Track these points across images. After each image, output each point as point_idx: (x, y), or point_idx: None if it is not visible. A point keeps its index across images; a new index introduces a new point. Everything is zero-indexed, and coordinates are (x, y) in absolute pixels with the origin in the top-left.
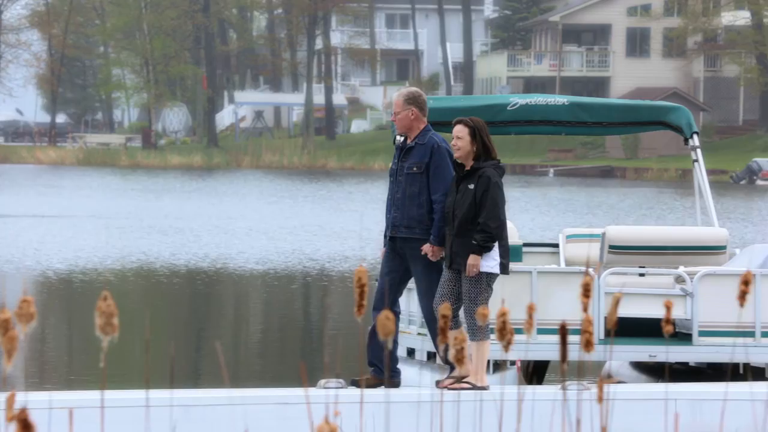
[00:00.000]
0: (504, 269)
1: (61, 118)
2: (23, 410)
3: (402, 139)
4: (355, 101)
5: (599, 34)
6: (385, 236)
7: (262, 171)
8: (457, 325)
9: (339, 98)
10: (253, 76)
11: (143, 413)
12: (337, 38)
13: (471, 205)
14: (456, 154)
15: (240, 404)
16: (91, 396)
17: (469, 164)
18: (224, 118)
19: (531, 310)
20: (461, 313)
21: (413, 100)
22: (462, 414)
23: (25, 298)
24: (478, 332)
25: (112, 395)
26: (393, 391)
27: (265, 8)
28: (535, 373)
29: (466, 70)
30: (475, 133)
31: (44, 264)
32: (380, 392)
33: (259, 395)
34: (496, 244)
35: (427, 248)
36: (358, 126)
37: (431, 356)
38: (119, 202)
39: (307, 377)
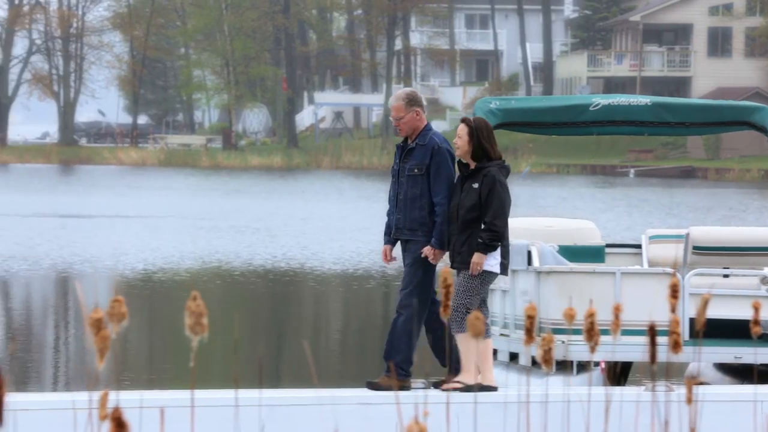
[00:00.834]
0: (504, 269)
1: (142, 120)
2: (117, 409)
3: (403, 138)
4: (434, 102)
5: (680, 34)
6: (385, 235)
7: (342, 171)
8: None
9: None
10: (333, 76)
11: (232, 413)
12: (416, 39)
13: (475, 204)
14: (456, 153)
15: (329, 404)
16: (182, 395)
17: (472, 164)
18: (304, 118)
19: (617, 310)
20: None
21: (414, 101)
22: (549, 415)
23: (116, 297)
24: (461, 325)
25: (202, 395)
26: (481, 392)
27: (344, 9)
28: (618, 374)
29: (545, 70)
30: (473, 133)
31: (125, 264)
32: (468, 393)
33: (346, 395)
34: (499, 247)
35: (427, 251)
36: (437, 126)
37: (514, 357)
38: (200, 202)
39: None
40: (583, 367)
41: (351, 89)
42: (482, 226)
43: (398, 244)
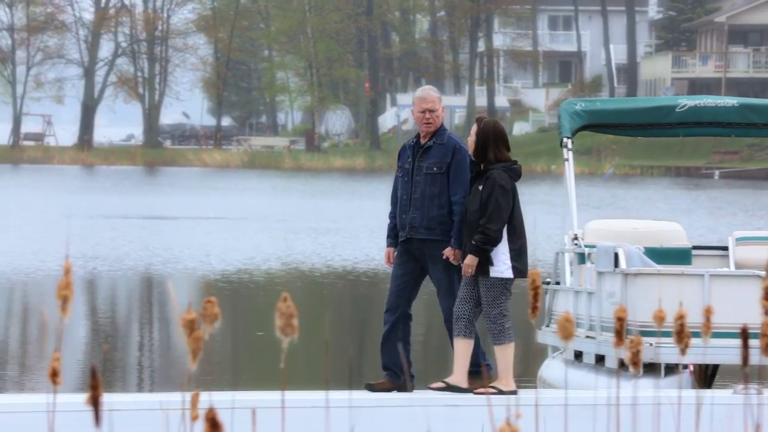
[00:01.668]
0: (519, 273)
1: (226, 122)
2: (211, 410)
3: (413, 138)
4: (517, 103)
5: (766, 35)
6: (388, 236)
7: None
8: (469, 331)
9: (501, 100)
10: (416, 78)
11: (323, 414)
12: (499, 40)
13: (478, 207)
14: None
15: (419, 406)
16: (272, 396)
17: (481, 164)
18: (386, 120)
19: (708, 313)
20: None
21: (441, 97)
22: (639, 417)
23: (209, 298)
24: (500, 336)
25: (293, 396)
26: (570, 394)
27: (427, 11)
28: (707, 376)
29: (629, 71)
30: (479, 134)
31: (208, 265)
32: (558, 395)
33: (436, 397)
34: (506, 248)
35: (449, 252)
36: (520, 128)
37: (600, 359)
38: (282, 203)
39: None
40: (671, 369)
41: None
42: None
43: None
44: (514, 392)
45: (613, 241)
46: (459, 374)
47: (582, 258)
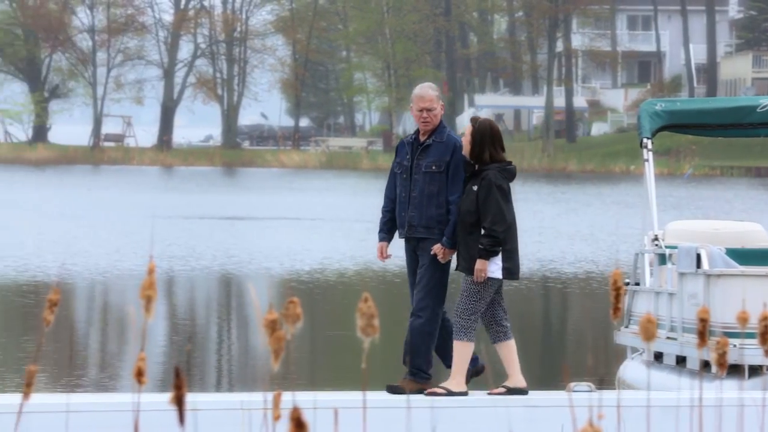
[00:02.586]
0: (509, 274)
1: (304, 122)
2: (296, 409)
3: (412, 135)
4: (595, 104)
5: None
6: (380, 231)
7: None
8: (506, 335)
9: (579, 101)
10: (493, 79)
11: (404, 414)
12: (577, 40)
13: (472, 208)
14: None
15: (501, 406)
16: (354, 396)
17: (476, 165)
18: (464, 121)
19: None
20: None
21: (440, 95)
22: (723, 419)
23: (291, 299)
24: (461, 332)
25: (375, 396)
26: (653, 395)
27: (505, 11)
28: None
29: (709, 71)
30: (474, 134)
31: (287, 265)
32: (640, 396)
33: (516, 397)
34: (500, 253)
35: (437, 249)
36: (598, 129)
37: (680, 360)
38: (361, 203)
39: (544, 380)
40: (755, 371)
41: (511, 91)
42: (482, 232)
43: (390, 242)
44: (464, 393)
45: (694, 242)
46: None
47: (662, 259)
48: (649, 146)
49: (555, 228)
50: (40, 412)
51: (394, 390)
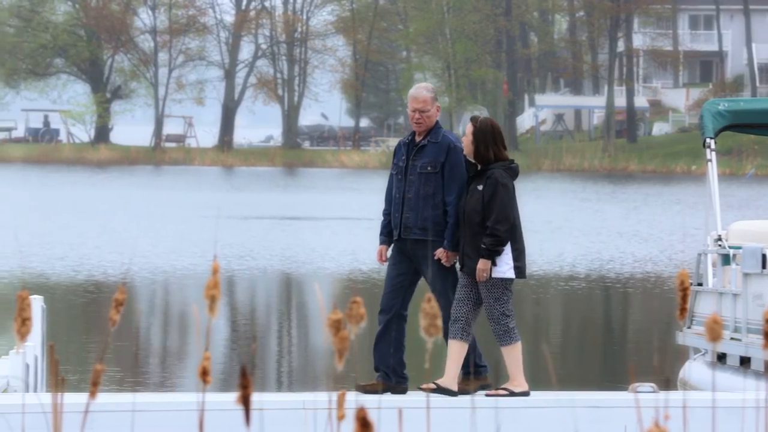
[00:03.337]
0: (520, 273)
1: (364, 122)
2: (362, 409)
3: (409, 136)
4: (656, 103)
5: None
6: (381, 234)
7: (562, 174)
8: (466, 334)
9: (640, 101)
10: (554, 79)
11: (469, 415)
12: (639, 40)
13: (479, 207)
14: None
15: (567, 407)
16: (418, 397)
17: (478, 164)
18: (524, 121)
19: None
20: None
21: (436, 97)
22: None
23: (354, 299)
24: (505, 336)
25: (438, 396)
26: (718, 396)
27: (566, 11)
28: None
29: None
30: (477, 134)
31: (344, 265)
32: (705, 397)
33: (581, 398)
34: (509, 248)
35: (440, 253)
36: (659, 128)
37: (744, 361)
38: None
39: (604, 380)
40: None
41: (572, 91)
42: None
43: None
44: (526, 393)
45: (758, 243)
46: (449, 376)
47: (726, 259)
48: (713, 146)
49: (616, 228)
50: (107, 411)
51: (361, 389)
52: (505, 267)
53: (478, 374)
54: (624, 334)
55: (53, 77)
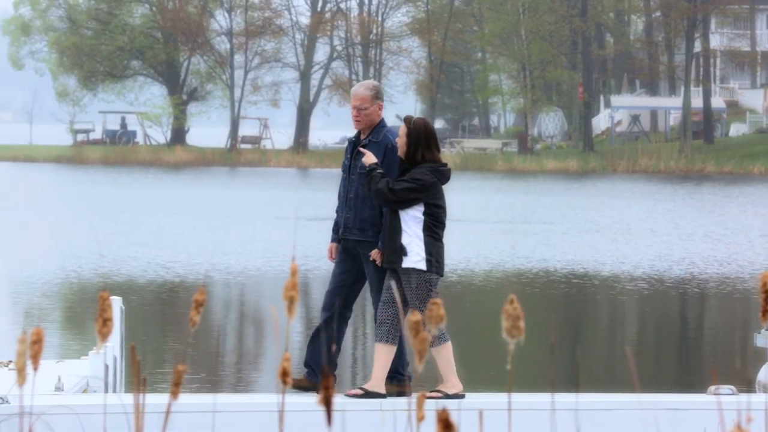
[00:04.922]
0: (432, 267)
1: (439, 124)
2: (444, 410)
3: (357, 134)
4: (733, 104)
5: None
6: (333, 233)
7: (638, 175)
8: (392, 336)
9: (717, 101)
10: (630, 80)
11: (548, 416)
12: (716, 40)
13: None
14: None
15: (649, 409)
16: (499, 399)
17: (409, 165)
18: (600, 122)
19: None
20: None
21: (380, 95)
22: None
23: (434, 300)
24: (433, 338)
25: (519, 398)
26: None
27: (642, 12)
28: None
29: None
30: (410, 134)
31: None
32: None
33: (659, 400)
34: (422, 241)
35: (375, 254)
36: (736, 129)
37: None
38: (497, 203)
39: (681, 382)
40: None
41: (648, 92)
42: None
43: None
44: (461, 396)
45: None
46: (377, 379)
47: None
48: None
49: (691, 229)
50: (188, 412)
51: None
52: (416, 257)
53: (394, 379)
54: (700, 335)
55: (130, 79)
